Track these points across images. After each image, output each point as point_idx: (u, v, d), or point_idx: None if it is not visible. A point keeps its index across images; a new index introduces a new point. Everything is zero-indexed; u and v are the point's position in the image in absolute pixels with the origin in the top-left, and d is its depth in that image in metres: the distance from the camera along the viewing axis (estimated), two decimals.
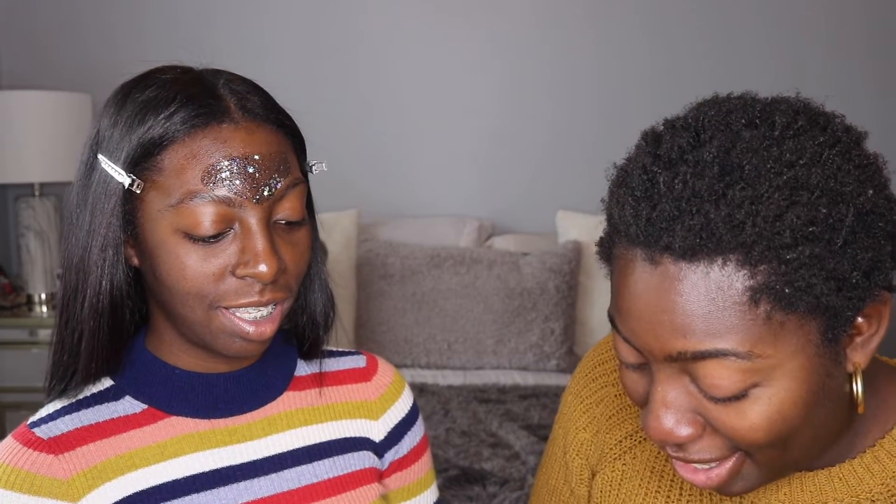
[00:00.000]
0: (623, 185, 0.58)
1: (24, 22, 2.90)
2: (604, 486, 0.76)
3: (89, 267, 0.69)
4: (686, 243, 0.52)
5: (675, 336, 0.54)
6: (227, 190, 0.65)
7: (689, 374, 0.56)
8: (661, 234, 0.53)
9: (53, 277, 2.67)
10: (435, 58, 2.97)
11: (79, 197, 0.70)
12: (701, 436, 0.58)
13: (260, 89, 0.71)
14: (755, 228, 0.51)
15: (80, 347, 0.70)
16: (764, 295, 0.52)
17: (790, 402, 0.55)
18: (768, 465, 0.59)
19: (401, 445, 0.85)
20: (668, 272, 0.53)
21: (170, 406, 0.73)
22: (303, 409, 0.79)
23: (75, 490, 0.68)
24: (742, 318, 0.52)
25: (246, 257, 0.67)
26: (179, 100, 0.67)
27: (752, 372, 0.53)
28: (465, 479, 1.68)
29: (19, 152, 2.50)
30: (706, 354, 0.53)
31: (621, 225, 0.56)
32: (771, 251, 0.51)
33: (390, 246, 2.67)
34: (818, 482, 0.64)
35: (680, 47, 2.97)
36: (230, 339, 0.69)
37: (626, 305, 0.56)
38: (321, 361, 0.82)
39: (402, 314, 2.58)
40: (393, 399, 0.85)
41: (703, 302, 0.52)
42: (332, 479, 0.77)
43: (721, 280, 0.52)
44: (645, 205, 0.54)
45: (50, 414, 0.71)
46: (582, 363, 0.84)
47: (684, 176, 0.53)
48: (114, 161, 0.67)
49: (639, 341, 0.57)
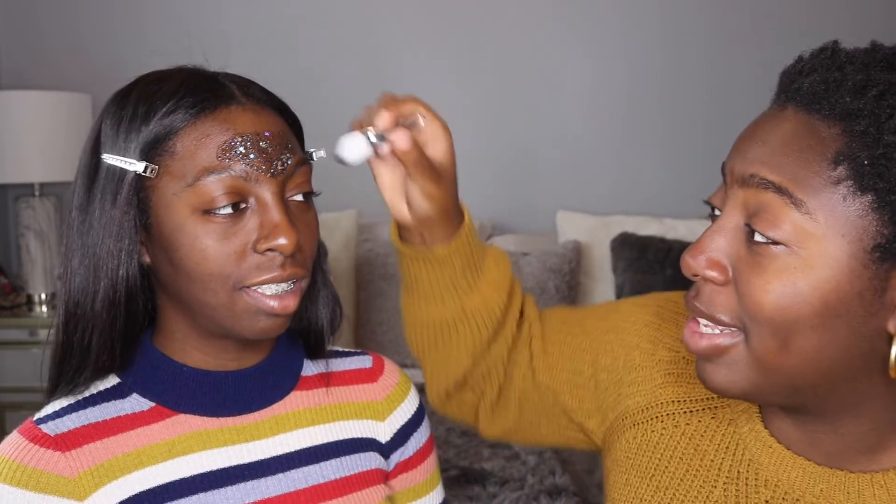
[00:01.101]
0: (806, 55, 0.63)
1: (24, 22, 2.90)
2: (640, 445, 0.75)
3: (103, 260, 0.68)
4: (809, 93, 0.58)
5: (758, 161, 0.59)
6: (243, 164, 0.66)
7: (749, 211, 0.59)
8: (797, 83, 0.60)
9: (53, 277, 2.67)
10: (433, 58, 2.97)
11: (82, 199, 0.70)
12: (720, 288, 0.61)
13: (256, 83, 0.73)
14: (870, 104, 0.55)
15: (90, 344, 0.70)
16: (846, 161, 0.55)
17: (809, 287, 0.56)
18: (760, 362, 0.60)
19: (407, 447, 0.84)
20: (784, 114, 0.60)
21: (177, 404, 0.73)
22: (310, 409, 0.79)
23: (81, 488, 0.67)
24: (817, 172, 0.56)
25: (265, 231, 0.67)
26: (185, 87, 0.68)
27: (799, 230, 0.56)
28: (465, 479, 1.68)
29: (19, 152, 2.50)
30: (772, 185, 0.57)
31: (781, 77, 0.63)
32: (873, 127, 0.55)
33: (390, 246, 2.66)
34: (858, 485, 0.63)
35: (679, 48, 2.97)
36: (254, 319, 0.69)
37: (742, 135, 0.62)
38: (328, 361, 0.82)
39: (401, 314, 2.58)
40: (399, 400, 0.85)
41: (794, 143, 0.57)
42: (339, 479, 0.77)
43: (821, 134, 0.56)
44: (801, 68, 0.61)
45: (56, 411, 0.71)
46: (654, 296, 0.83)
47: (843, 72, 0.58)
48: (122, 155, 0.67)
49: (731, 162, 0.62)
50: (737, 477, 0.69)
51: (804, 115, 0.58)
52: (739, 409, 0.71)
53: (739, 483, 0.68)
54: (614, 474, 0.76)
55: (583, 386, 0.80)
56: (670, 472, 0.72)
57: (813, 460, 0.65)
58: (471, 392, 0.84)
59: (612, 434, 0.78)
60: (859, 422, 0.63)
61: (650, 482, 0.72)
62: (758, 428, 0.68)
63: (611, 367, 0.78)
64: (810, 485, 0.65)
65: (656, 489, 0.72)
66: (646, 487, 0.72)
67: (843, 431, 0.63)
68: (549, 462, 1.75)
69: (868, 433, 0.63)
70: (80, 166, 0.71)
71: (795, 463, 0.66)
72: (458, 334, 0.78)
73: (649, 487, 0.72)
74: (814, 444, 0.65)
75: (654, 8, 2.96)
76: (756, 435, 0.68)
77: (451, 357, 0.80)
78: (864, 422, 0.63)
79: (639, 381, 0.76)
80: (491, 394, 0.83)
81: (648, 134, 3.00)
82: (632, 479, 0.74)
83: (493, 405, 0.85)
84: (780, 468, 0.66)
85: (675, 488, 0.71)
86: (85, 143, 0.71)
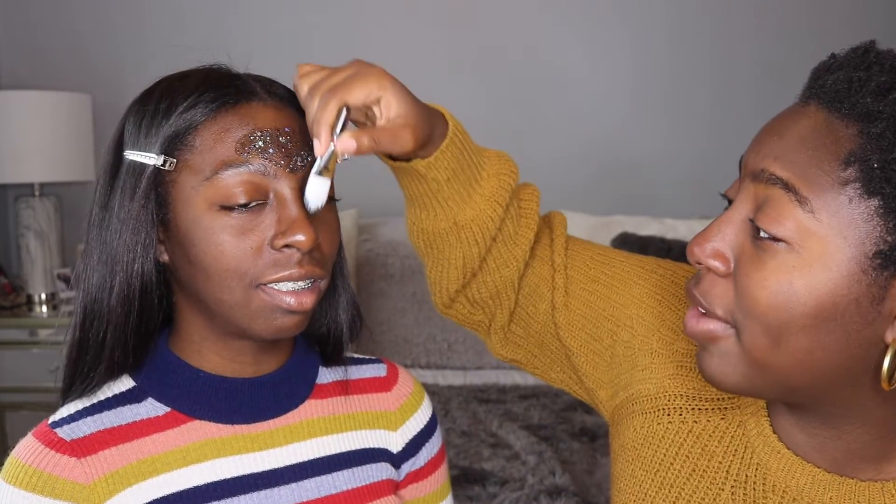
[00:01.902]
0: (840, 54, 0.63)
1: (24, 22, 2.90)
2: (645, 436, 0.74)
3: (120, 254, 0.68)
4: (832, 91, 0.58)
5: (771, 156, 0.59)
6: (261, 158, 0.66)
7: (756, 206, 0.59)
8: (822, 80, 0.59)
9: (53, 277, 2.67)
10: (433, 58, 2.97)
11: (104, 196, 0.70)
12: (719, 279, 0.61)
13: (280, 82, 0.73)
14: (890, 107, 0.55)
15: (105, 340, 0.69)
16: (857, 163, 0.55)
17: (805, 287, 0.56)
18: (750, 357, 0.60)
19: (418, 457, 0.84)
20: (806, 110, 0.59)
21: (193, 409, 0.72)
22: (324, 419, 0.78)
23: (96, 495, 0.67)
24: (826, 171, 0.56)
25: (283, 227, 0.66)
26: (207, 83, 0.68)
27: (802, 228, 0.56)
28: (465, 479, 1.68)
29: (19, 152, 2.50)
30: (780, 181, 0.57)
31: (812, 73, 0.63)
32: (890, 130, 0.54)
33: (390, 246, 2.67)
34: (869, 494, 0.63)
35: (683, 47, 2.97)
36: (271, 317, 0.68)
37: (763, 128, 0.62)
38: (346, 368, 0.81)
39: (402, 314, 2.58)
40: (412, 410, 0.84)
41: (810, 140, 0.57)
42: (350, 490, 0.76)
43: (838, 133, 0.56)
44: (831, 65, 0.61)
45: (71, 414, 0.70)
46: (683, 273, 0.80)
47: (870, 72, 0.58)
48: (144, 151, 0.67)
49: (747, 155, 0.62)
50: (745, 481, 0.68)
51: (825, 112, 0.58)
52: (749, 411, 0.70)
53: (747, 487, 0.68)
54: (621, 462, 0.76)
55: (600, 353, 0.79)
56: (675, 470, 0.71)
57: (820, 467, 0.65)
58: (481, 311, 0.81)
59: (620, 414, 0.77)
60: (864, 430, 0.62)
61: (655, 477, 0.72)
62: (766, 432, 0.68)
63: (629, 343, 0.77)
64: (819, 492, 0.64)
65: (661, 485, 0.71)
66: (650, 482, 0.72)
67: (847, 438, 0.63)
68: (549, 462, 1.75)
69: (873, 442, 0.62)
70: (102, 165, 0.71)
71: (804, 470, 0.65)
72: (450, 246, 0.74)
73: (654, 482, 0.72)
74: (820, 449, 0.65)
75: (659, 7, 2.96)
76: (765, 439, 0.68)
77: (448, 266, 0.76)
78: (868, 430, 0.62)
79: (652, 368, 0.75)
80: (501, 318, 0.81)
81: (649, 134, 3.00)
82: (637, 472, 0.73)
83: (506, 331, 0.82)
84: (789, 474, 0.66)
85: (680, 487, 0.70)
86: (109, 142, 0.71)
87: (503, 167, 0.76)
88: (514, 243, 0.77)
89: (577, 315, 0.79)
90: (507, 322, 0.81)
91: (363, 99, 0.63)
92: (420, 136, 0.66)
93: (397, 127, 0.64)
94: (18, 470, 0.66)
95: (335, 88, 0.63)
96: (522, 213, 0.79)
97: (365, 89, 0.63)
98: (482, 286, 0.78)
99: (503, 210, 0.74)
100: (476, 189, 0.73)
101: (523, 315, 0.81)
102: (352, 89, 0.63)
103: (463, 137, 0.71)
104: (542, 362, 0.83)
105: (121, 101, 0.75)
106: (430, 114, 0.68)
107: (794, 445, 0.66)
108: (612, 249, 0.83)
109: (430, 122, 0.68)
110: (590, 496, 1.66)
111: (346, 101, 0.63)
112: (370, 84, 0.63)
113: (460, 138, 0.70)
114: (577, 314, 0.79)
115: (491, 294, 0.79)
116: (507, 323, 0.81)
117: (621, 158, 3.02)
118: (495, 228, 0.74)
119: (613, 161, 3.02)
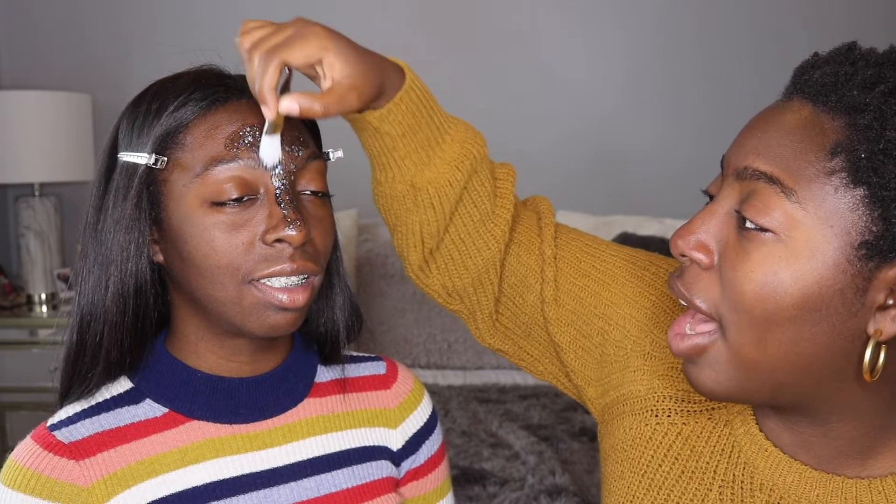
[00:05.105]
0: (823, 53, 0.63)
1: (24, 22, 2.90)
2: (634, 438, 0.74)
3: (114, 254, 0.68)
4: (818, 85, 0.58)
5: (753, 153, 0.59)
6: (251, 153, 0.66)
7: (741, 198, 0.59)
8: (807, 75, 0.60)
9: (53, 277, 2.67)
10: (432, 58, 2.97)
11: (98, 199, 0.70)
12: (703, 272, 0.62)
13: None
14: (877, 100, 0.55)
15: (102, 343, 0.69)
16: (844, 153, 0.55)
17: (791, 277, 0.56)
18: (738, 357, 0.60)
19: (418, 455, 0.84)
20: (789, 104, 0.60)
21: (191, 410, 0.72)
22: (323, 417, 0.78)
23: (95, 498, 0.67)
24: (811, 162, 0.56)
25: (273, 222, 0.66)
26: (197, 82, 0.69)
27: (789, 218, 0.56)
28: (465, 479, 1.68)
29: (19, 152, 2.50)
30: (763, 176, 0.58)
31: (794, 72, 0.63)
32: (877, 122, 0.55)
33: (390, 246, 2.67)
34: (856, 491, 0.63)
35: (679, 47, 2.97)
36: (263, 314, 0.68)
37: (745, 126, 0.62)
38: (343, 367, 0.81)
39: (402, 314, 2.58)
40: (412, 407, 0.84)
41: (794, 133, 0.58)
42: (350, 488, 0.76)
43: (823, 125, 0.57)
44: (815, 62, 0.61)
45: (70, 417, 0.70)
46: (644, 253, 0.80)
47: (855, 67, 0.58)
48: (136, 152, 0.68)
49: (729, 152, 0.62)
50: (732, 480, 0.68)
51: (809, 106, 0.58)
52: (735, 410, 0.70)
53: (735, 487, 0.68)
54: (610, 462, 0.76)
55: (589, 351, 0.78)
56: (664, 472, 0.71)
57: (807, 464, 0.65)
58: (459, 301, 0.79)
59: (610, 413, 0.77)
60: (850, 426, 0.62)
61: (643, 479, 0.72)
62: (753, 430, 0.68)
63: (621, 344, 0.76)
64: (806, 490, 0.64)
65: (649, 487, 0.71)
66: (638, 484, 0.72)
67: (833, 435, 0.63)
68: (549, 462, 1.75)
69: (859, 437, 0.63)
70: (97, 168, 0.71)
71: (791, 467, 0.65)
72: (408, 211, 0.72)
73: (641, 485, 0.72)
74: (806, 447, 0.65)
75: (653, 6, 2.96)
76: (751, 438, 0.68)
77: (407, 233, 0.74)
78: (854, 426, 0.62)
79: (644, 369, 0.75)
80: (487, 306, 0.79)
81: (648, 133, 3.00)
82: (625, 473, 0.73)
83: (493, 320, 0.81)
84: (776, 472, 0.66)
85: (669, 489, 0.70)
86: (104, 146, 0.71)
87: (468, 135, 0.74)
88: (492, 223, 0.76)
89: (566, 311, 0.78)
90: (494, 311, 0.80)
91: (304, 60, 0.61)
92: (367, 94, 0.64)
93: (343, 88, 0.62)
94: (17, 473, 0.66)
95: (275, 49, 0.61)
96: (498, 193, 0.77)
97: (304, 50, 0.61)
98: (463, 272, 0.76)
99: (464, 177, 0.72)
100: (436, 152, 0.71)
101: (510, 305, 0.80)
102: (292, 50, 0.61)
103: (421, 94, 0.68)
104: (529, 354, 0.82)
105: (121, 101, 0.75)
106: (383, 67, 0.66)
107: (781, 444, 0.66)
108: (601, 240, 0.82)
109: (381, 77, 0.65)
110: (590, 496, 1.66)
111: (286, 61, 0.61)
112: (310, 45, 0.61)
113: (417, 94, 0.68)
114: (566, 310, 0.78)
115: (472, 281, 0.77)
116: (494, 311, 0.80)
117: (622, 158, 3.02)
118: (455, 196, 0.72)
119: (614, 161, 3.02)
